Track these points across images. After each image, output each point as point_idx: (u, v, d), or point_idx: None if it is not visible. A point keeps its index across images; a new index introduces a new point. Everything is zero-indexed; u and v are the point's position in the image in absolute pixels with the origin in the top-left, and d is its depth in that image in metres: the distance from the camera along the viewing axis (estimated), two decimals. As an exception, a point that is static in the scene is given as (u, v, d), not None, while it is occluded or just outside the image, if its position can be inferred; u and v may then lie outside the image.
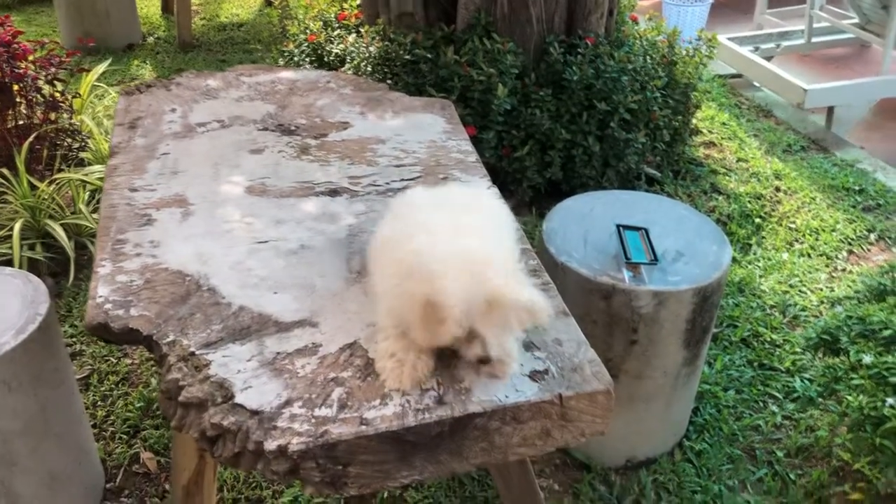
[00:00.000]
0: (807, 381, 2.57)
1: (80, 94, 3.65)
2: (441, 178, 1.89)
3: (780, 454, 2.40)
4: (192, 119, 2.16)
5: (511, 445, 1.29)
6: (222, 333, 1.39)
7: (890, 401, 1.99)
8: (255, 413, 1.23)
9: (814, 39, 5.48)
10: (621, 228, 2.15)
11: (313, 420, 1.22)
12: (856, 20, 5.27)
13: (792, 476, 2.33)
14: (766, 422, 2.50)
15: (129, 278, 1.53)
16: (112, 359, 2.70)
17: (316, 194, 1.81)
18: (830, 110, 4.60)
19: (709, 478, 2.32)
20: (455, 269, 1.23)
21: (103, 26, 5.26)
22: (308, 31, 3.85)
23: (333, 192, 1.83)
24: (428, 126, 2.15)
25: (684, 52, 3.69)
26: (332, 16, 3.96)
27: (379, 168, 1.94)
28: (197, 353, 1.35)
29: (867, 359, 2.10)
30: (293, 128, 2.12)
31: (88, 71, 3.83)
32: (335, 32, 3.78)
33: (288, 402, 1.25)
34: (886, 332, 2.15)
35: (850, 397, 2.08)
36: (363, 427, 1.21)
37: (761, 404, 2.58)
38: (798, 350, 2.74)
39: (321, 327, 1.41)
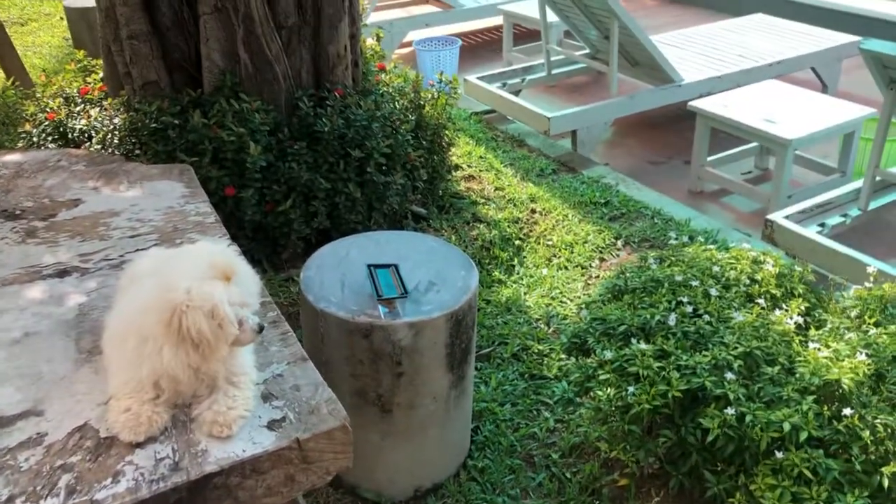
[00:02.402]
0: (566, 384, 2.79)
1: None
2: (178, 242, 1.88)
3: (555, 456, 2.57)
4: None
5: (256, 497, 1.30)
6: (-66, 441, 1.30)
7: (631, 389, 2.20)
8: (-29, 518, 1.16)
9: (554, 71, 5.98)
10: (372, 268, 2.23)
11: (37, 513, 1.17)
12: (587, 51, 5.83)
13: (568, 475, 2.50)
14: (540, 428, 2.67)
15: None
16: None
17: (42, 277, 1.74)
18: (574, 134, 5.03)
19: (493, 492, 2.44)
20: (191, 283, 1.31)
21: None
22: (48, 108, 3.68)
23: (62, 273, 1.77)
24: (165, 193, 2.14)
25: (430, 96, 3.90)
26: (75, 91, 3.80)
27: (112, 241, 1.89)
28: None
29: (608, 354, 2.31)
30: (18, 212, 2.02)
31: None
32: (78, 108, 3.64)
33: (10, 500, 1.19)
34: (622, 328, 2.39)
35: (599, 392, 2.28)
36: (93, 509, 1.18)
37: (535, 412, 2.75)
38: (563, 357, 2.96)
39: (47, 415, 1.35)
